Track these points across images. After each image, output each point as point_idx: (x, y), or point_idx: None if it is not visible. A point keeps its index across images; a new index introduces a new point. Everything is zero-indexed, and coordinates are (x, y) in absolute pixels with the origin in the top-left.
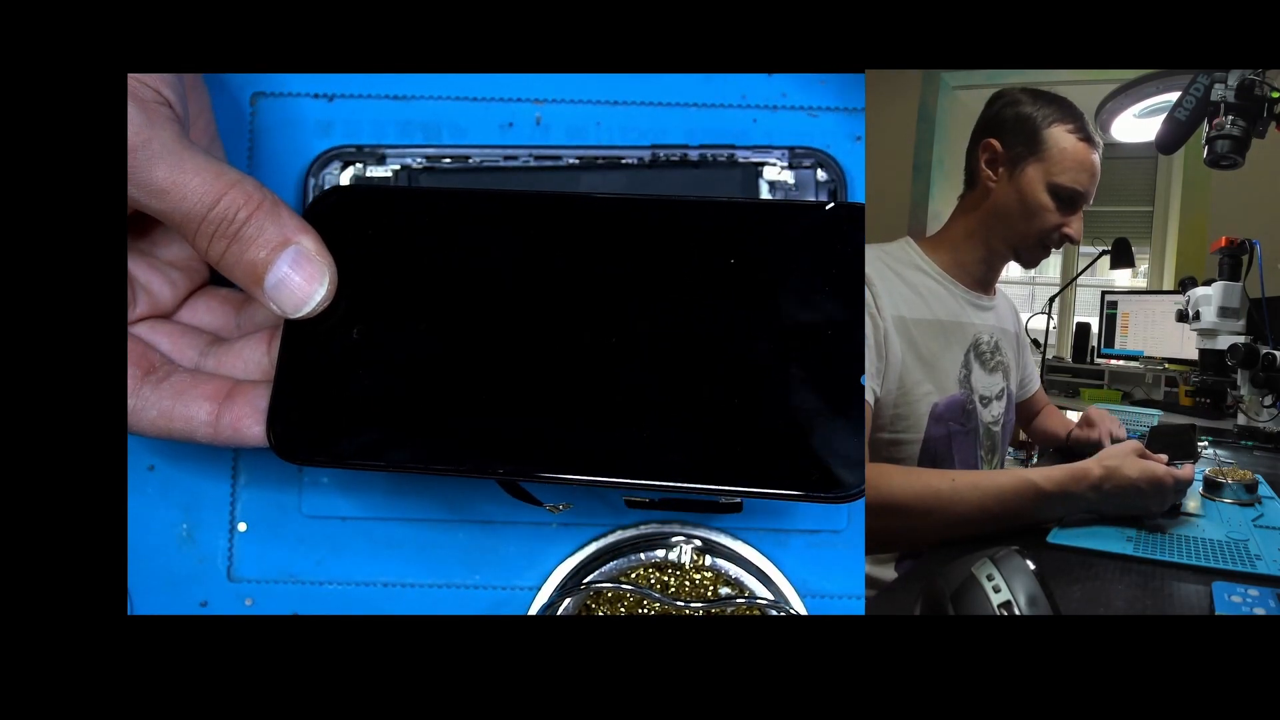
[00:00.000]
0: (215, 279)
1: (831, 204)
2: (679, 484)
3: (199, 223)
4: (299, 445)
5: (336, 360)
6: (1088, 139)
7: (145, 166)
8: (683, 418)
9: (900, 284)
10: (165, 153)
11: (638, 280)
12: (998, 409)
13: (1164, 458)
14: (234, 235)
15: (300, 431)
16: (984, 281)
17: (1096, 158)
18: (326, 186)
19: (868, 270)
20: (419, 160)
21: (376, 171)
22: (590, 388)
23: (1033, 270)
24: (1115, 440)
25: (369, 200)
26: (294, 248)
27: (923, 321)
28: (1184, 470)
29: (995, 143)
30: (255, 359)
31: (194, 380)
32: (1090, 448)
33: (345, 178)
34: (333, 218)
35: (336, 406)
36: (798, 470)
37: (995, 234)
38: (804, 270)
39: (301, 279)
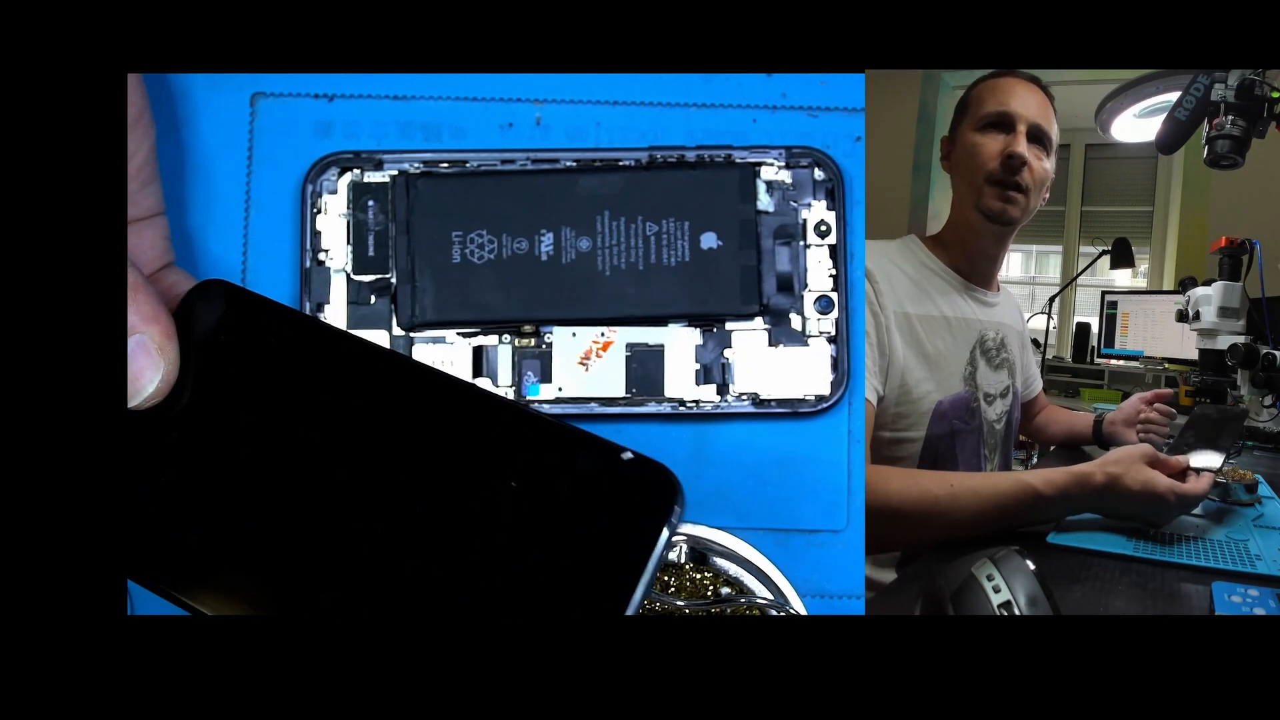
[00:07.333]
0: None
1: (629, 455)
2: None
3: None
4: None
5: (150, 457)
6: (1005, 73)
7: None
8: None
9: (905, 280)
10: None
11: (426, 469)
12: (1002, 406)
13: (1180, 461)
14: None
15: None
16: (988, 275)
17: (1021, 85)
18: (324, 193)
19: (870, 266)
20: (416, 165)
21: (374, 176)
22: (339, 565)
23: (1032, 270)
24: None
25: (242, 304)
26: (137, 337)
27: (928, 318)
28: (1192, 485)
29: (945, 135)
30: None
31: None
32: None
33: (343, 183)
34: (207, 311)
35: (140, 506)
36: None
37: (962, 201)
38: (579, 515)
39: (136, 370)
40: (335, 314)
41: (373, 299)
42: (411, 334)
